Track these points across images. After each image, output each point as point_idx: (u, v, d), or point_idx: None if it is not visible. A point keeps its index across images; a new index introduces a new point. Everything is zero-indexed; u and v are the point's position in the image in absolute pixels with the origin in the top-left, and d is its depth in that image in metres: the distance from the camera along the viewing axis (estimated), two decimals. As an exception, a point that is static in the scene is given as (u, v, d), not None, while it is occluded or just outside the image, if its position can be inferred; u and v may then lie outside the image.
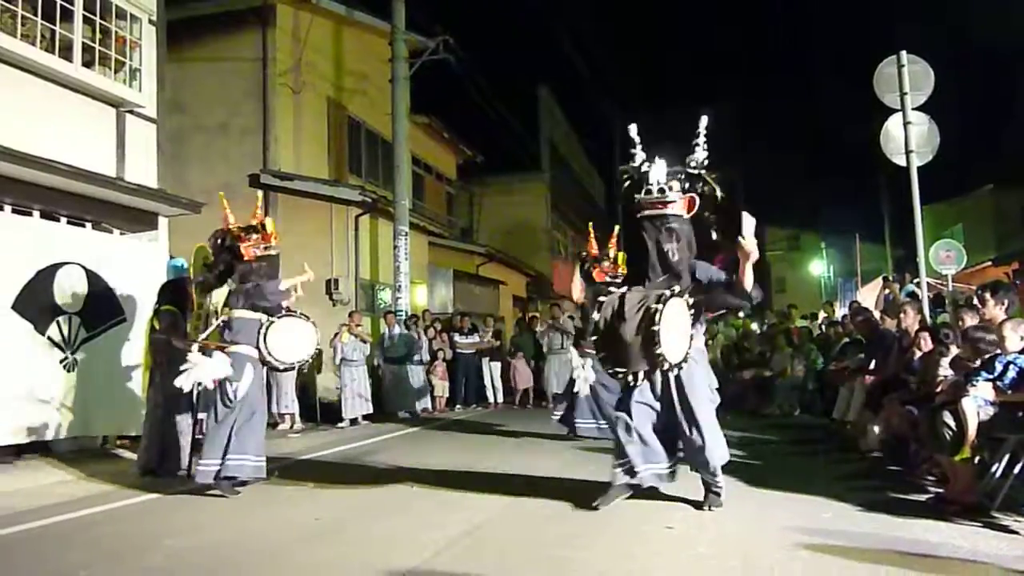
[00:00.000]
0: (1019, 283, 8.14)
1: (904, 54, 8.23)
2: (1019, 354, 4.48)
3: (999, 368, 4.48)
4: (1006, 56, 19.70)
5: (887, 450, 6.39)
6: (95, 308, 7.52)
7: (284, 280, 5.79)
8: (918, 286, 8.90)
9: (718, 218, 4.72)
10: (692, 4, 57.26)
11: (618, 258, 7.42)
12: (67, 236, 7.70)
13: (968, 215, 22.70)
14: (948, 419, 4.48)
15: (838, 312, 14.05)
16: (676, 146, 4.76)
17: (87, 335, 7.43)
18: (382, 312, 13.15)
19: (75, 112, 7.91)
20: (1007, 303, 5.04)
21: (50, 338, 7.13)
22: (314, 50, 13.89)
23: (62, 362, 7.21)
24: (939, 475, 5.18)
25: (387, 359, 11.80)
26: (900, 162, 8.32)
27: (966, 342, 5.04)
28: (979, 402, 4.43)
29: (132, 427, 7.41)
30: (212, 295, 6.03)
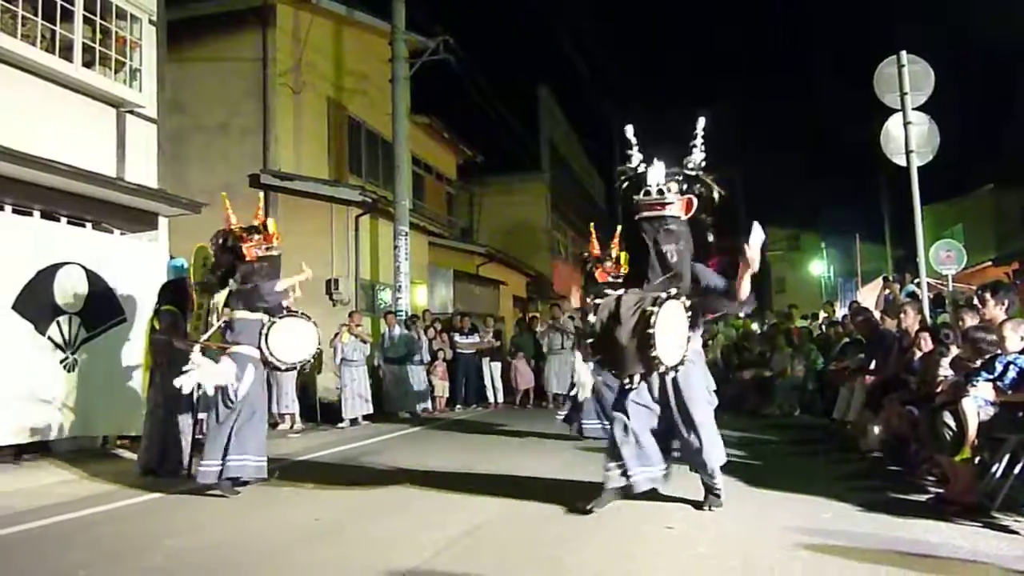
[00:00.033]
0: (1019, 283, 8.14)
1: (904, 54, 8.24)
2: (1019, 354, 4.48)
3: (999, 368, 4.48)
4: (1006, 56, 19.72)
5: (887, 450, 6.39)
6: (95, 308, 7.53)
7: (282, 280, 5.76)
8: (918, 286, 8.90)
9: (715, 220, 4.72)
10: (692, 4, 57.35)
11: (620, 258, 7.41)
12: (67, 236, 7.70)
13: (968, 215, 22.70)
14: (948, 419, 4.49)
15: (838, 312, 14.02)
16: (676, 146, 4.76)
17: (87, 335, 7.44)
18: (382, 312, 13.15)
19: (75, 112, 7.91)
20: (1007, 303, 5.04)
21: (50, 338, 7.13)
22: (314, 50, 13.89)
23: (62, 362, 7.21)
24: (939, 475, 5.18)
25: (387, 359, 11.80)
26: (900, 162, 8.32)
27: (966, 342, 5.04)
28: (979, 402, 4.43)
29: (132, 427, 7.42)
30: (213, 295, 6.03)
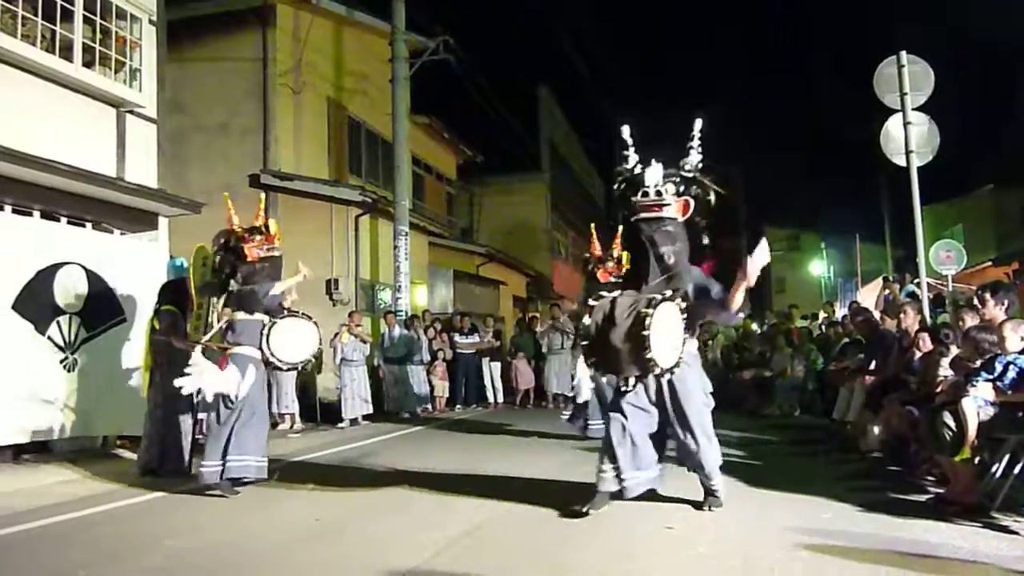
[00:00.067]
0: (1019, 283, 8.15)
1: (904, 54, 8.23)
2: (1019, 354, 4.47)
3: (999, 368, 4.47)
4: (1006, 56, 19.73)
5: (887, 450, 6.39)
6: (95, 308, 7.53)
7: (277, 284, 5.71)
8: (918, 286, 8.90)
9: (710, 223, 4.72)
10: (692, 4, 57.36)
11: (622, 258, 7.40)
12: (67, 236, 7.70)
13: (968, 215, 22.70)
14: (948, 419, 4.48)
15: (838, 312, 14.03)
16: (676, 146, 4.76)
17: (87, 335, 7.44)
18: (382, 312, 13.15)
19: (75, 112, 7.91)
20: (1007, 303, 5.03)
21: (50, 338, 7.13)
22: (314, 50, 13.89)
23: (62, 362, 7.21)
24: (939, 475, 5.18)
25: (387, 359, 11.80)
26: (900, 162, 8.32)
27: (967, 342, 5.03)
28: (979, 402, 4.42)
29: (132, 427, 7.39)
30: (215, 296, 6.03)
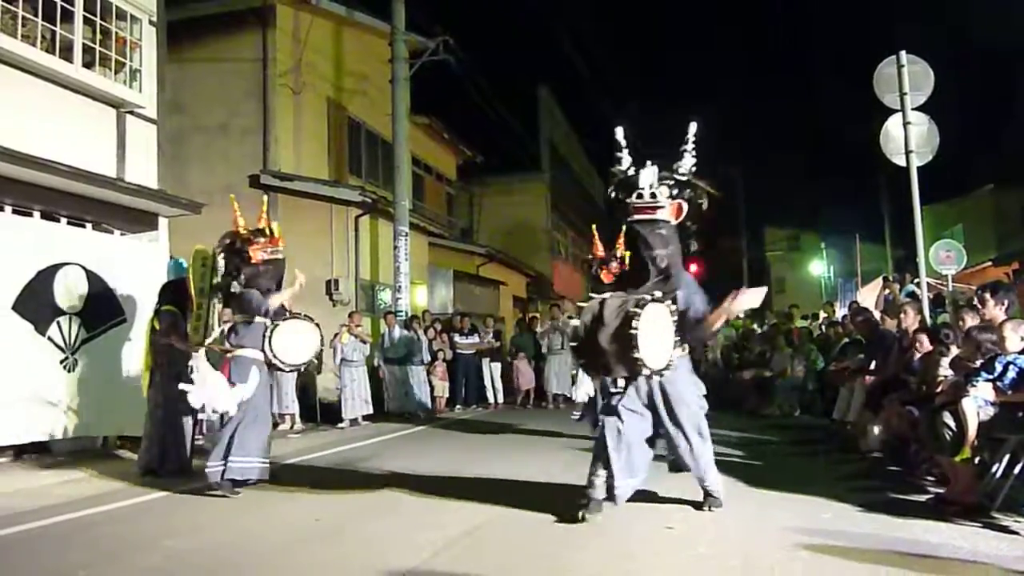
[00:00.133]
0: (1019, 283, 8.15)
1: (904, 54, 8.23)
2: (1019, 354, 4.47)
3: (999, 368, 4.47)
4: (1006, 56, 19.72)
5: (887, 450, 6.39)
6: (95, 308, 7.53)
7: (274, 298, 5.66)
8: (918, 286, 8.89)
9: (699, 228, 4.75)
10: (692, 4, 57.37)
11: (625, 257, 7.38)
12: (67, 236, 7.71)
13: (968, 215, 22.69)
14: (948, 419, 4.48)
15: (838, 312, 14.03)
16: (676, 146, 4.77)
17: (87, 336, 7.44)
18: (382, 313, 13.15)
19: (75, 113, 7.92)
20: (1007, 303, 5.03)
21: (50, 339, 7.13)
22: (314, 51, 13.89)
23: (62, 363, 7.22)
24: (939, 475, 5.18)
25: (387, 360, 11.80)
26: (900, 162, 8.31)
27: (967, 342, 5.03)
28: (979, 402, 4.42)
29: (132, 427, 7.39)
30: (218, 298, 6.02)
